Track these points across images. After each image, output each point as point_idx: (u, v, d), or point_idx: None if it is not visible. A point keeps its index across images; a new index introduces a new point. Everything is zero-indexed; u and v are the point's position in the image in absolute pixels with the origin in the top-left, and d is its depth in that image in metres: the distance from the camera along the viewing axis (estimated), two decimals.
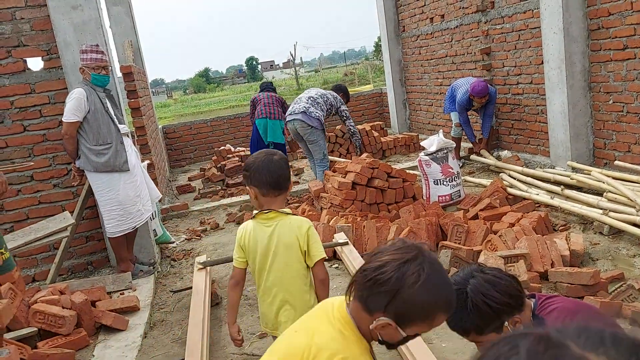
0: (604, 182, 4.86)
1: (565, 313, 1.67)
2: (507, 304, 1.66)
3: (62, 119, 4.11)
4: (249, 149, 9.70)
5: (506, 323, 1.67)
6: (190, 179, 8.85)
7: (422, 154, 5.71)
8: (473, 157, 7.21)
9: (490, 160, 6.84)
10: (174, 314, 3.96)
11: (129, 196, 4.33)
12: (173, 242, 5.60)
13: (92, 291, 3.90)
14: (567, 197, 5.01)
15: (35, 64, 4.56)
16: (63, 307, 3.49)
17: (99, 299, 3.88)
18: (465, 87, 6.77)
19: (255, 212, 2.29)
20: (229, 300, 2.44)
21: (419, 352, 2.74)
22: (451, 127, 7.31)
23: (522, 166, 6.28)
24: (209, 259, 4.51)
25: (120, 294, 4.20)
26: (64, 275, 4.73)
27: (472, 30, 7.67)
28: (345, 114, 7.05)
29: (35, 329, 3.34)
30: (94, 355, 3.34)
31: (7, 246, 3.49)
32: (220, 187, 7.72)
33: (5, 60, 4.42)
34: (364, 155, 6.02)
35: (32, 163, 3.78)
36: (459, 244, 4.27)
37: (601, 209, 4.51)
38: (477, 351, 1.78)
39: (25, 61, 4.49)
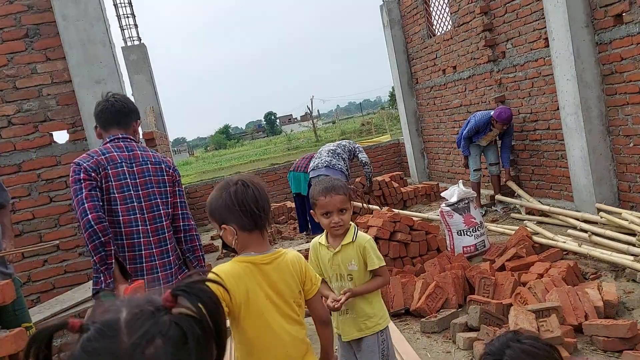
0: (635, 223, 4.76)
1: None
2: None
3: None
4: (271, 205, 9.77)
5: None
6: (212, 238, 8.90)
7: (443, 205, 5.67)
8: (498, 197, 7.14)
9: (522, 195, 6.74)
10: None
11: None
12: None
13: None
14: (596, 244, 4.89)
15: (61, 136, 4.74)
16: None
17: None
18: (481, 114, 6.83)
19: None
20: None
21: None
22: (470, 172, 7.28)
23: (546, 211, 6.19)
24: None
25: None
26: None
27: (485, 80, 7.76)
28: (359, 149, 7.30)
29: None
30: None
31: (34, 319, 3.52)
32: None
33: (33, 135, 4.60)
34: (385, 208, 6.00)
35: (57, 242, 3.84)
36: (487, 297, 4.17)
37: (632, 255, 4.38)
38: None
39: (51, 135, 4.65)
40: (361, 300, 2.52)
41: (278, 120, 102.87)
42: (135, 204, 2.70)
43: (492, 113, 6.70)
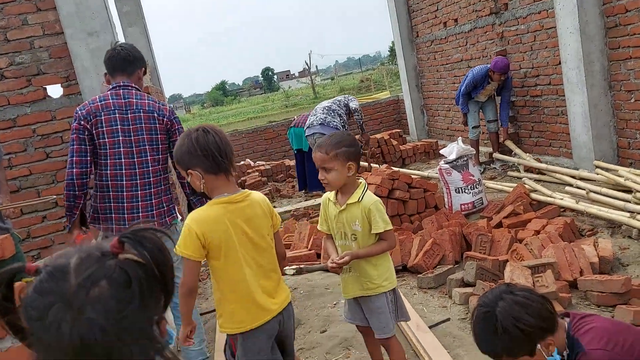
0: (631, 180, 4.76)
1: (602, 333, 1.62)
2: (539, 326, 1.62)
3: None
4: (268, 162, 9.75)
5: (539, 345, 1.62)
6: None
7: (442, 162, 5.65)
8: (496, 155, 7.12)
9: (520, 155, 6.72)
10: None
11: None
12: None
13: None
14: (593, 201, 4.91)
15: (55, 91, 4.65)
16: None
17: None
18: (479, 68, 6.76)
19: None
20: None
21: None
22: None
23: (543, 169, 6.18)
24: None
25: None
26: None
27: (487, 33, 7.61)
28: (351, 99, 7.02)
29: None
30: None
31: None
32: None
33: (26, 89, 4.51)
34: (384, 165, 5.98)
35: (55, 196, 3.82)
36: (484, 254, 4.21)
37: (629, 211, 4.40)
38: None
39: (45, 89, 4.57)
40: (365, 262, 2.51)
41: (275, 77, 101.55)
42: (122, 149, 2.90)
43: (489, 66, 6.63)
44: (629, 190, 4.83)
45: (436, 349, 2.92)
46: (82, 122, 2.86)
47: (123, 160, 2.90)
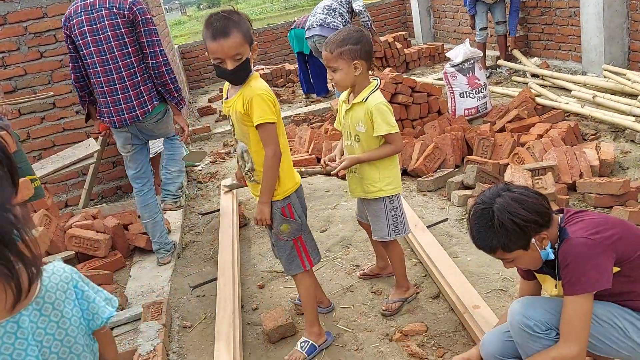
0: (638, 83, 4.66)
1: (590, 224, 1.65)
2: (535, 221, 1.64)
3: None
4: (268, 67, 9.52)
5: (533, 240, 1.66)
6: (210, 101, 8.78)
7: (447, 65, 5.50)
8: (501, 62, 6.94)
9: (524, 63, 6.56)
10: (204, 235, 4.07)
11: None
12: (198, 165, 5.65)
13: (123, 215, 4.00)
14: (599, 105, 4.83)
15: None
16: (97, 232, 3.61)
17: (131, 222, 3.98)
18: None
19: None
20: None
21: (444, 265, 2.78)
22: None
23: (549, 76, 6.02)
24: (234, 181, 4.55)
25: None
26: (95, 200, 4.86)
27: None
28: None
29: (73, 252, 3.48)
30: (130, 276, 3.49)
31: (37, 174, 3.57)
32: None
33: None
34: (387, 69, 5.83)
35: (52, 93, 3.77)
36: (485, 158, 4.21)
37: (634, 115, 4.35)
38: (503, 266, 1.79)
39: None
40: (368, 165, 2.48)
41: None
42: (92, 49, 3.09)
43: None
44: (635, 95, 4.74)
45: (433, 246, 2.99)
46: (64, 29, 3.13)
47: (96, 59, 3.11)
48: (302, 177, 4.56)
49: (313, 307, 2.53)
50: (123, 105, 3.18)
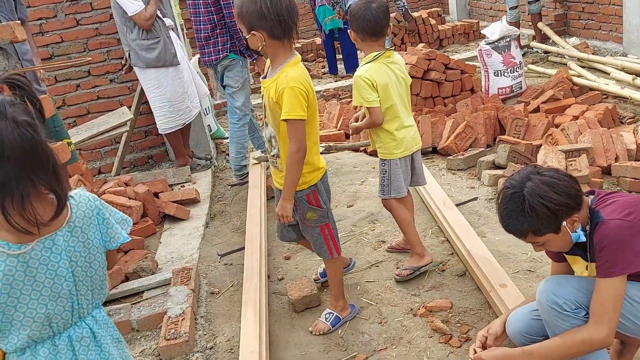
0: None
1: (624, 205, 1.61)
2: (566, 204, 1.61)
3: (130, 14, 3.98)
4: (298, 41, 9.44)
5: (564, 223, 1.63)
6: None
7: (482, 42, 5.38)
8: (533, 44, 6.75)
9: (558, 43, 6.36)
10: (232, 206, 4.12)
11: (177, 93, 4.34)
12: (227, 138, 5.69)
13: (154, 183, 4.08)
14: (639, 88, 4.68)
15: None
16: (129, 198, 3.69)
17: (162, 190, 4.06)
18: None
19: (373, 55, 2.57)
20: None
21: (471, 243, 2.76)
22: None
23: (590, 54, 5.84)
24: (263, 154, 4.58)
25: (181, 186, 4.37)
26: (127, 168, 4.96)
27: None
28: None
29: None
30: (161, 242, 3.57)
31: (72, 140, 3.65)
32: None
33: None
34: (420, 45, 5.73)
35: (90, 58, 3.82)
36: (518, 138, 4.14)
37: None
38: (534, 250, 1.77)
39: None
40: (370, 130, 2.76)
41: None
42: (191, 9, 4.08)
43: None
44: None
45: (460, 224, 2.97)
46: None
47: (192, 18, 4.10)
48: (329, 152, 4.60)
49: (340, 284, 2.56)
50: (205, 50, 4.10)
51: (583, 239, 1.66)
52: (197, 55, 5.57)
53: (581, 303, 1.64)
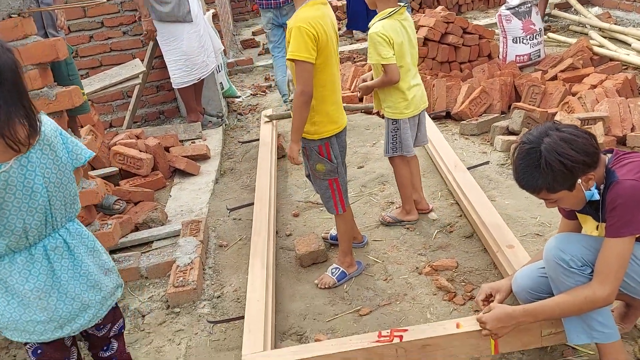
0: None
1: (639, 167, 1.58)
2: (583, 162, 1.58)
3: None
4: None
5: (579, 180, 1.60)
6: (254, 34, 8.69)
7: (502, 7, 5.25)
8: (555, 12, 6.58)
9: (580, 11, 6.19)
10: (243, 163, 4.13)
11: (192, 47, 4.31)
12: (239, 97, 5.67)
13: (165, 137, 4.08)
14: None
15: None
16: (140, 151, 3.70)
17: (172, 145, 4.07)
18: None
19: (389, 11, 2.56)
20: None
21: (480, 205, 2.75)
22: None
23: (612, 24, 5.69)
24: (274, 112, 4.56)
25: (191, 142, 4.38)
26: (138, 122, 4.96)
27: None
28: None
29: (117, 168, 3.59)
30: (170, 196, 3.60)
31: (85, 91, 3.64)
32: None
33: None
34: (439, 8, 5.60)
35: (104, 0, 3.78)
36: (534, 105, 4.07)
37: None
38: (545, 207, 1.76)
39: None
40: (378, 90, 2.78)
41: None
42: None
43: None
44: None
45: (470, 187, 2.96)
46: None
47: None
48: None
49: (349, 240, 2.57)
50: None
51: (597, 197, 1.64)
52: (212, 10, 5.50)
53: (588, 260, 1.64)
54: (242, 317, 2.25)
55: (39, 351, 1.55)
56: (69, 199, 1.52)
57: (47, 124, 1.47)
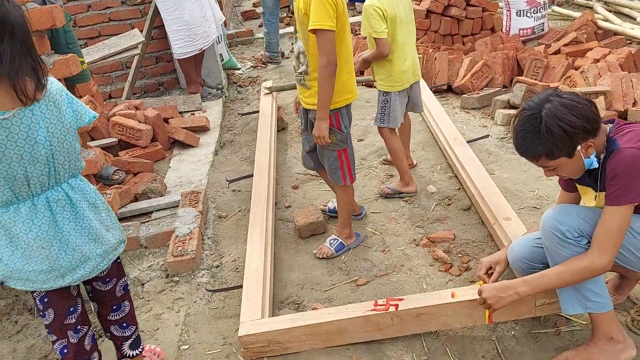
0: None
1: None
2: (583, 127, 1.58)
3: None
4: None
5: (579, 147, 1.60)
6: (254, 5, 8.57)
7: None
8: None
9: None
10: (242, 135, 4.12)
11: (194, 16, 4.26)
12: (239, 69, 5.62)
13: (164, 109, 4.07)
14: None
15: None
16: (139, 122, 3.69)
17: (172, 116, 4.06)
18: None
19: None
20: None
21: (478, 178, 2.76)
22: None
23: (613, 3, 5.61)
24: (275, 84, 4.54)
25: (191, 114, 4.36)
26: (137, 94, 4.94)
27: None
28: None
29: (116, 139, 3.59)
30: (170, 167, 3.60)
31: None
32: (285, 14, 7.47)
33: None
34: None
35: None
36: (536, 79, 4.04)
37: None
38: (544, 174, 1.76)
39: None
40: (373, 62, 2.83)
41: None
42: None
43: None
44: None
45: (469, 159, 2.96)
46: None
47: None
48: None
49: (349, 213, 2.58)
50: None
51: (595, 165, 1.64)
52: None
53: (584, 231, 1.64)
54: (241, 286, 2.27)
55: (45, 299, 1.61)
56: (72, 155, 1.56)
57: (54, 83, 1.52)
